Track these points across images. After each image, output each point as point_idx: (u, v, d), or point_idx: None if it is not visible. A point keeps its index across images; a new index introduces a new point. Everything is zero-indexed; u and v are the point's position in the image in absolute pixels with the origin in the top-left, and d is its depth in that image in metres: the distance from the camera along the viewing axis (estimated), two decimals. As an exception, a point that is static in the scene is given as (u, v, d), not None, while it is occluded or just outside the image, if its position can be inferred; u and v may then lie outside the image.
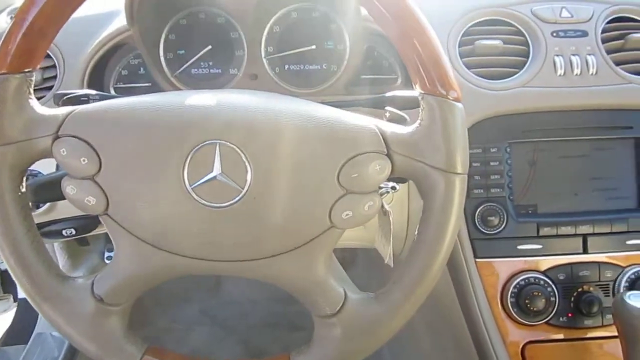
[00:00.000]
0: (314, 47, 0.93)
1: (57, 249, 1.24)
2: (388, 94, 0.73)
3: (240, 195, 0.59)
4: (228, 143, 0.59)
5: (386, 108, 0.69)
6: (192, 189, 0.59)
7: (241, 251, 0.62)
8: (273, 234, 0.61)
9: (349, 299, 0.64)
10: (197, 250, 0.62)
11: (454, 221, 0.61)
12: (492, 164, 0.86)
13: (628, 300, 0.76)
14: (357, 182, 0.60)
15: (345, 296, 0.64)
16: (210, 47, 0.94)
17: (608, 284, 0.88)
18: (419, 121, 0.61)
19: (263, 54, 0.93)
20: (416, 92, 0.61)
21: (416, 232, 0.63)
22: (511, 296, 0.86)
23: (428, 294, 0.63)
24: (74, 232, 0.95)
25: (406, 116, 0.68)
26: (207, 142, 0.59)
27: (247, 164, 0.59)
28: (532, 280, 0.86)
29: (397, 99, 0.72)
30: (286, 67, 0.94)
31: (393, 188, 0.84)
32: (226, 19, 0.93)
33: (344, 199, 0.60)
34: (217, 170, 0.59)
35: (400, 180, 0.71)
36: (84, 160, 0.58)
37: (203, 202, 0.59)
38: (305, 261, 0.62)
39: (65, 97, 0.74)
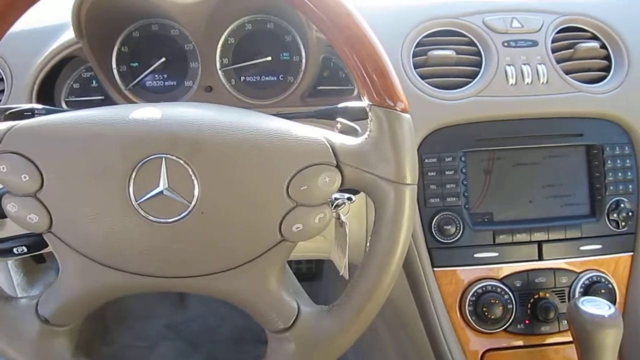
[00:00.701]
0: (269, 58, 0.93)
1: (11, 267, 1.21)
2: (340, 105, 0.72)
3: (188, 210, 0.58)
4: (174, 157, 0.58)
5: (337, 119, 0.69)
6: (138, 204, 0.58)
7: (190, 267, 0.61)
8: (222, 249, 0.60)
9: (302, 313, 0.63)
10: (145, 266, 0.60)
11: (405, 232, 0.60)
12: (447, 173, 0.87)
13: (581, 306, 0.77)
14: (307, 195, 0.59)
15: (298, 310, 0.63)
16: (164, 59, 0.92)
17: (564, 290, 0.89)
18: (367, 132, 0.61)
19: (218, 66, 0.92)
20: (365, 103, 0.61)
21: (367, 244, 0.63)
22: (469, 305, 0.86)
23: (381, 306, 0.63)
24: (25, 249, 0.92)
25: (357, 127, 0.68)
26: (153, 156, 0.58)
27: (194, 178, 0.58)
28: (489, 288, 0.86)
29: (349, 110, 0.72)
30: (242, 78, 0.94)
31: (349, 199, 0.84)
32: (180, 31, 0.92)
33: (294, 212, 0.60)
34: (163, 185, 0.58)
35: (354, 191, 0.70)
36: (24, 177, 0.56)
37: (150, 217, 0.58)
38: (256, 276, 0.62)
39: (8, 112, 0.72)
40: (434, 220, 0.87)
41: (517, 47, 0.90)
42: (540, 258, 0.89)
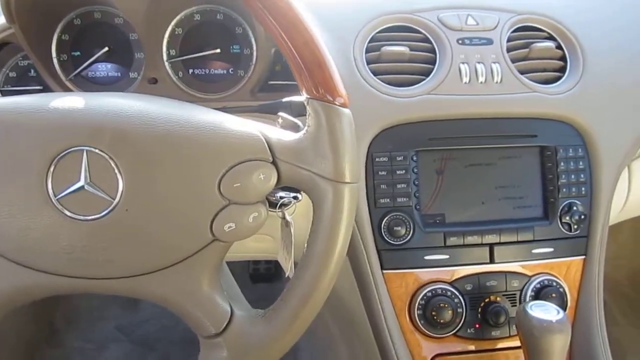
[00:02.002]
0: (218, 50, 0.89)
1: None
2: (284, 100, 0.69)
3: (111, 207, 0.54)
4: (96, 150, 0.54)
5: (279, 114, 0.66)
6: (57, 199, 0.54)
7: (115, 268, 0.57)
8: (149, 248, 0.57)
9: (235, 317, 0.60)
10: (65, 267, 0.56)
11: (344, 234, 0.58)
12: (398, 172, 0.84)
13: (529, 311, 0.75)
14: (240, 192, 0.56)
15: (231, 314, 0.60)
16: (107, 48, 0.88)
17: (515, 294, 0.87)
18: (306, 128, 0.58)
19: (165, 58, 0.88)
20: (303, 97, 0.58)
21: (305, 244, 0.60)
22: (418, 308, 0.84)
23: (319, 309, 0.60)
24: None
25: (299, 123, 0.65)
26: (73, 148, 0.54)
27: (117, 173, 0.54)
28: (439, 291, 0.84)
29: (293, 105, 0.69)
30: (190, 71, 0.90)
31: (295, 198, 0.81)
32: (124, 20, 0.87)
33: (227, 210, 0.57)
34: (84, 179, 0.54)
35: (294, 189, 0.67)
36: None
37: (70, 214, 0.54)
38: (186, 277, 0.58)
39: None
40: (384, 221, 0.84)
41: (472, 45, 0.88)
42: (492, 261, 0.87)
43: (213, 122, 0.57)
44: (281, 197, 0.81)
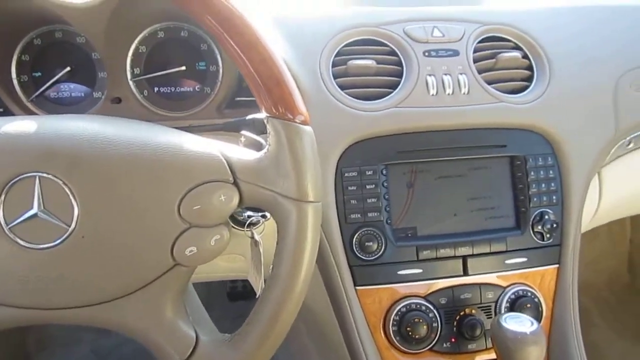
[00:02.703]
0: (183, 68, 0.88)
1: None
2: (248, 117, 0.68)
3: (67, 234, 0.53)
4: (49, 175, 0.52)
5: (242, 132, 0.65)
6: (9, 228, 0.52)
7: (73, 297, 0.55)
8: (108, 276, 0.55)
9: (201, 342, 0.58)
10: (20, 298, 0.54)
11: (309, 254, 0.57)
12: (368, 187, 0.83)
13: (504, 323, 0.74)
14: (201, 215, 0.55)
15: (196, 340, 0.58)
16: (69, 68, 0.86)
17: (490, 306, 0.87)
18: (267, 147, 0.57)
19: (129, 76, 0.86)
20: (263, 115, 0.57)
21: (271, 266, 0.58)
22: (393, 324, 0.83)
23: (287, 331, 0.58)
24: None
25: (262, 141, 0.64)
26: (25, 174, 0.52)
27: (72, 198, 0.53)
28: (413, 306, 0.83)
29: (257, 122, 0.68)
30: (155, 89, 0.88)
31: (264, 217, 0.80)
32: (86, 39, 0.86)
33: (187, 234, 0.55)
34: (37, 206, 0.52)
35: (259, 209, 0.66)
36: None
37: (23, 243, 0.52)
38: (148, 304, 0.57)
39: None
40: (355, 237, 0.83)
41: (438, 57, 0.87)
42: (465, 273, 0.86)
43: (171, 144, 0.55)
44: (249, 216, 0.80)
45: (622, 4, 1.09)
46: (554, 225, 0.88)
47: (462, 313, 0.85)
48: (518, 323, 0.74)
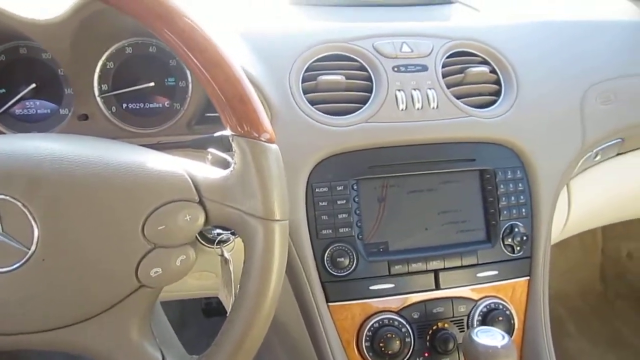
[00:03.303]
0: (152, 84, 0.87)
1: None
2: (216, 134, 0.67)
3: (27, 257, 0.51)
4: (8, 197, 0.51)
5: (208, 150, 0.64)
6: None
7: (33, 322, 0.54)
8: (71, 299, 0.54)
9: None
10: None
11: (277, 273, 0.56)
12: (339, 202, 0.83)
13: (475, 338, 0.74)
14: (166, 235, 0.54)
15: None
16: (34, 85, 0.85)
17: (462, 319, 0.87)
18: (232, 165, 0.56)
19: (96, 92, 0.85)
20: (228, 133, 0.57)
21: (238, 285, 0.58)
22: (366, 340, 0.82)
23: (255, 352, 0.58)
24: None
25: (230, 159, 0.63)
26: None
27: (32, 220, 0.51)
28: (386, 321, 0.83)
29: (225, 140, 0.67)
30: (124, 105, 0.87)
31: (233, 234, 0.79)
32: (52, 55, 0.84)
33: (152, 255, 0.54)
34: (-4, 229, 0.51)
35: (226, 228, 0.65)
36: None
37: None
38: (113, 327, 0.55)
39: None
40: (327, 253, 0.82)
41: (407, 72, 0.88)
42: (437, 287, 0.86)
43: (135, 163, 0.55)
44: (219, 234, 0.79)
45: (589, 19, 1.11)
46: (524, 238, 0.89)
47: (434, 327, 0.85)
48: (489, 337, 0.74)
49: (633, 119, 1.00)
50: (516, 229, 0.89)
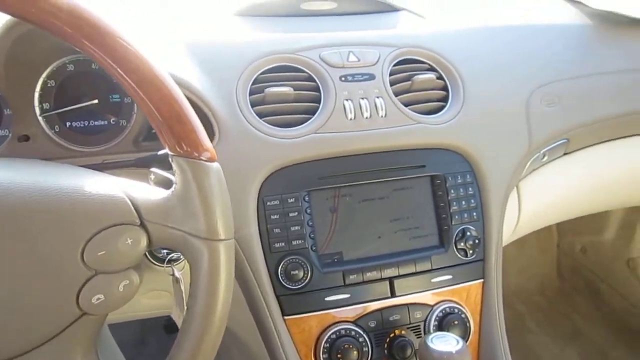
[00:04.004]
0: (96, 101, 0.84)
1: None
2: (160, 152, 0.66)
3: None
4: None
5: (151, 170, 0.63)
6: None
7: None
8: (10, 330, 0.52)
9: None
10: None
11: (224, 294, 0.55)
12: (291, 214, 0.82)
13: (430, 344, 0.75)
14: (107, 261, 0.52)
15: None
16: None
17: (419, 325, 0.87)
18: (174, 185, 0.55)
19: (37, 112, 0.82)
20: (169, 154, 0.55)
21: (185, 306, 0.57)
22: (324, 352, 0.82)
23: None
24: None
25: (173, 178, 0.62)
26: None
27: None
28: (343, 332, 0.83)
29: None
30: (67, 124, 0.85)
31: (183, 252, 0.77)
32: None
33: (93, 281, 0.52)
34: None
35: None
36: None
37: None
38: (56, 357, 0.53)
39: None
40: (281, 266, 0.82)
41: (355, 81, 0.88)
42: (393, 294, 0.86)
43: (72, 188, 0.53)
44: (168, 253, 0.78)
45: (532, 23, 1.14)
46: (477, 241, 0.90)
47: (392, 335, 0.85)
48: (444, 342, 0.75)
49: (577, 120, 1.02)
50: (468, 233, 0.90)
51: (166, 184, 0.61)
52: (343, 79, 0.88)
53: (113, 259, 0.53)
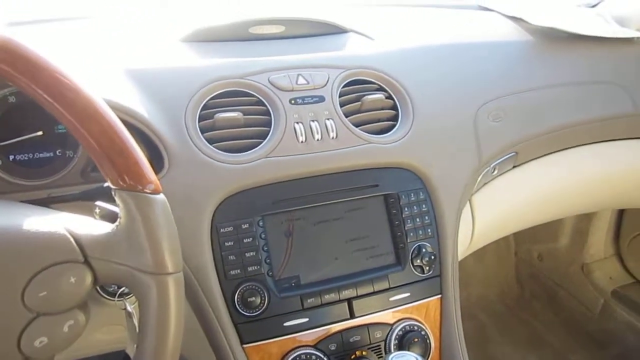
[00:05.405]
0: (40, 133, 0.82)
1: None
2: (106, 184, 0.64)
3: None
4: None
5: (96, 203, 0.61)
6: None
7: None
8: None
9: None
10: None
11: (174, 328, 0.54)
12: (245, 240, 0.81)
13: (391, 364, 0.75)
14: (49, 302, 0.50)
15: None
16: None
17: (379, 345, 0.87)
18: (118, 219, 0.54)
19: None
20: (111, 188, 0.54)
21: (135, 345, 0.55)
22: (284, 379, 0.81)
23: None
24: None
25: (119, 211, 0.60)
26: None
27: None
28: (303, 357, 0.82)
29: None
30: (11, 157, 0.82)
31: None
32: None
33: (35, 324, 0.50)
34: None
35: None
36: None
37: None
38: None
39: None
40: (237, 293, 0.80)
41: (305, 104, 0.88)
42: (352, 316, 0.86)
43: (9, 226, 0.51)
44: (119, 287, 0.76)
45: (478, 41, 1.17)
46: (432, 257, 0.91)
47: (352, 357, 0.85)
48: (404, 362, 0.75)
49: (523, 133, 1.05)
50: (424, 250, 0.91)
51: (112, 217, 0.59)
52: (293, 102, 0.88)
53: (56, 299, 0.51)
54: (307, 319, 0.84)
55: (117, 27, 1.07)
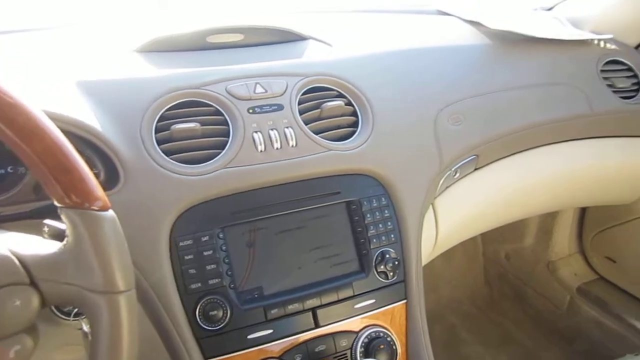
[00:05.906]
0: None
1: None
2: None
3: None
4: None
5: (44, 222, 0.59)
6: None
7: None
8: None
9: None
10: None
11: (127, 348, 0.52)
12: (205, 253, 0.80)
13: (357, 372, 0.74)
14: None
15: None
16: None
17: (345, 353, 0.86)
18: (65, 239, 0.52)
19: None
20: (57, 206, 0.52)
21: None
22: (249, 392, 0.80)
23: None
24: None
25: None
26: None
27: None
28: (268, 369, 0.81)
29: None
30: None
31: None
32: None
33: None
34: None
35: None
36: None
37: None
38: None
39: None
40: (199, 307, 0.79)
41: (263, 113, 0.87)
42: (317, 325, 0.85)
43: None
44: (74, 307, 0.73)
45: (437, 45, 1.17)
46: (396, 263, 0.91)
47: (318, 366, 0.84)
48: (369, 369, 0.75)
49: (483, 136, 1.06)
50: (387, 255, 0.90)
51: (61, 236, 0.57)
52: (251, 110, 0.87)
53: (0, 323, 0.49)
54: (271, 331, 0.82)
55: (73, 39, 1.04)
